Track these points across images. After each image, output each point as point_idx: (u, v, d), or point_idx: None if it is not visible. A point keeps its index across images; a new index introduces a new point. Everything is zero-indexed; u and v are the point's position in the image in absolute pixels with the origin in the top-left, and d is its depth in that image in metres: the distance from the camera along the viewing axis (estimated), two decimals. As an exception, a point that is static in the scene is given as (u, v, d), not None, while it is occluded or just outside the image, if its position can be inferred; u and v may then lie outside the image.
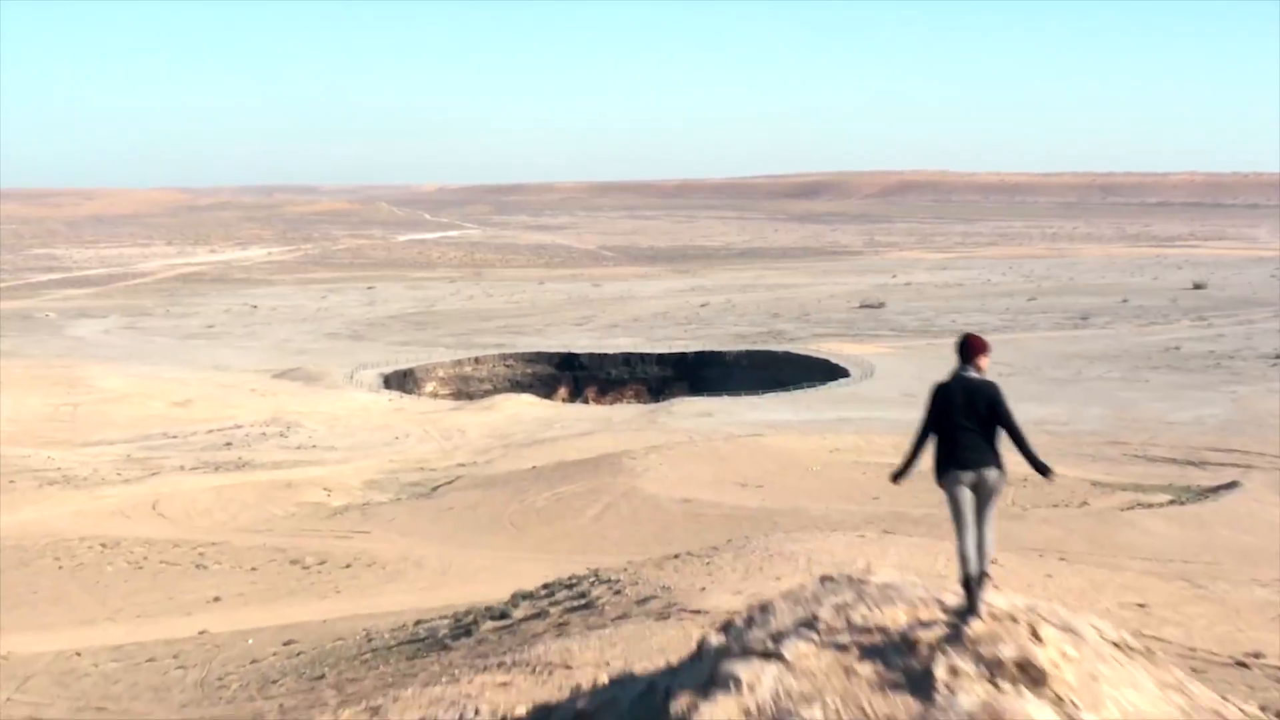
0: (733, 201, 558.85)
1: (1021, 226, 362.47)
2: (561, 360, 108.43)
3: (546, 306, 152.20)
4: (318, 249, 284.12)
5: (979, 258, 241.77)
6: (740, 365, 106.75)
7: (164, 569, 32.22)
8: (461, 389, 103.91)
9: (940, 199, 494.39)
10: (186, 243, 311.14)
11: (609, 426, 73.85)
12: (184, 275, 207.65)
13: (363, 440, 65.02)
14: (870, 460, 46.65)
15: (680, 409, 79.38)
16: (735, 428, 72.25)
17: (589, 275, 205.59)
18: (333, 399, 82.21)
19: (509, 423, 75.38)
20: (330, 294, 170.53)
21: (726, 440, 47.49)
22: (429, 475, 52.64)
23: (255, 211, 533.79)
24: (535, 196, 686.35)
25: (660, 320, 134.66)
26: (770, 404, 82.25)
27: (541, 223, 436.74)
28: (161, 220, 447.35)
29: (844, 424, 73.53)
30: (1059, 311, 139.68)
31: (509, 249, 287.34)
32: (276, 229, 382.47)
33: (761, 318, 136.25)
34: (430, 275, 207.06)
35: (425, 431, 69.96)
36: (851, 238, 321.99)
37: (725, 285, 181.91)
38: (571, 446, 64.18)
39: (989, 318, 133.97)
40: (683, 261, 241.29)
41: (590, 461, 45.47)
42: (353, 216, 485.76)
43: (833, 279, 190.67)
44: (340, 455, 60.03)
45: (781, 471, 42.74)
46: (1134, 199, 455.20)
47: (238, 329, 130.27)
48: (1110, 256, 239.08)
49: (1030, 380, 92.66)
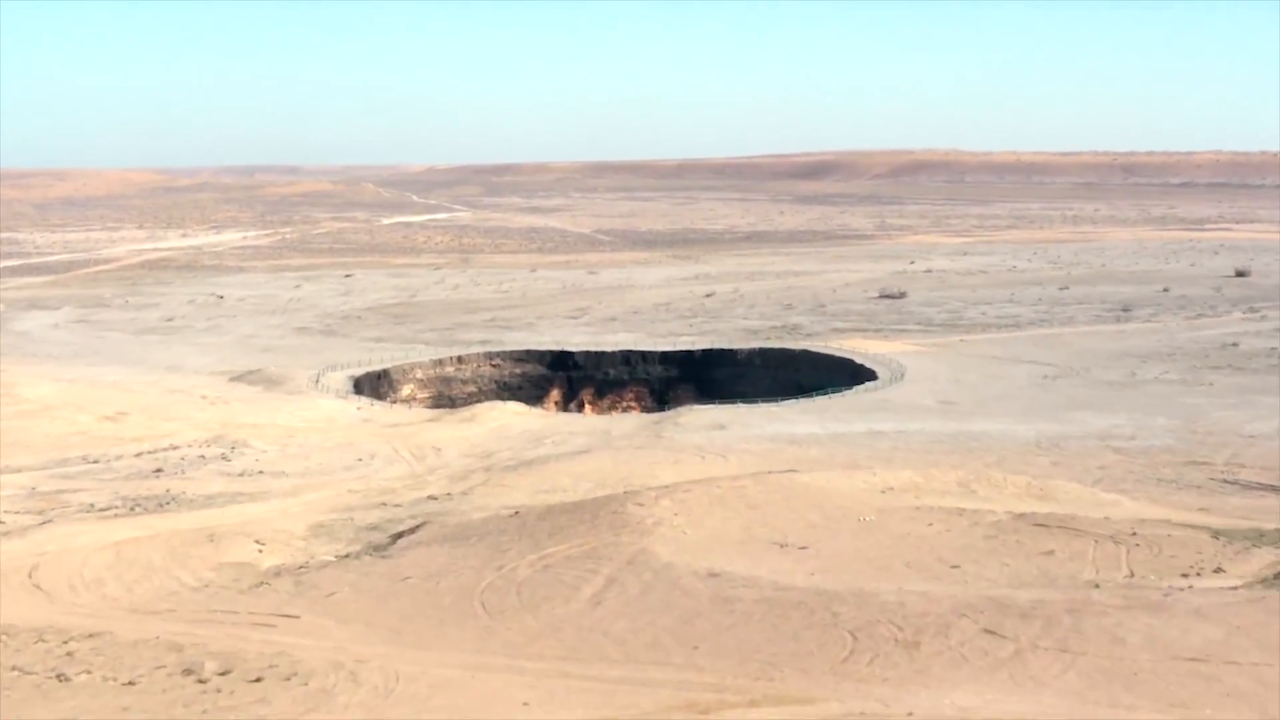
0: (735, 182, 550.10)
1: (1040, 208, 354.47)
2: (554, 359, 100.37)
3: (538, 297, 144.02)
4: (296, 233, 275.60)
5: (1000, 242, 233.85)
6: (753, 365, 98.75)
7: (11, 684, 24.39)
8: (442, 392, 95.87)
9: (953, 179, 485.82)
10: (159, 226, 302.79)
11: (607, 442, 65.90)
12: (150, 262, 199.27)
13: (320, 463, 57.04)
14: (933, 504, 38.73)
15: (689, 420, 71.41)
16: (753, 444, 64.36)
17: (584, 262, 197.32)
18: (293, 408, 74.19)
19: (493, 437, 67.42)
20: (305, 282, 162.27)
21: (755, 479, 39.46)
22: (390, 515, 44.66)
23: (235, 193, 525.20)
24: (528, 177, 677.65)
25: (662, 312, 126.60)
26: (791, 413, 74.26)
27: (534, 205, 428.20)
28: (135, 202, 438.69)
29: (878, 439, 65.68)
30: (1097, 302, 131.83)
31: (499, 233, 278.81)
32: (255, 211, 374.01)
33: (773, 309, 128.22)
34: (414, 262, 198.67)
35: (395, 450, 61.96)
36: (862, 220, 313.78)
37: (731, 272, 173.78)
38: (564, 471, 56.30)
39: (1022, 309, 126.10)
40: (684, 246, 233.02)
41: (587, 507, 37.55)
42: (336, 198, 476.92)
43: (846, 265, 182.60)
44: (290, 484, 52.10)
45: (827, 524, 34.85)
46: (1156, 179, 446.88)
47: (200, 322, 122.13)
48: (1139, 240, 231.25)
49: (1081, 383, 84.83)
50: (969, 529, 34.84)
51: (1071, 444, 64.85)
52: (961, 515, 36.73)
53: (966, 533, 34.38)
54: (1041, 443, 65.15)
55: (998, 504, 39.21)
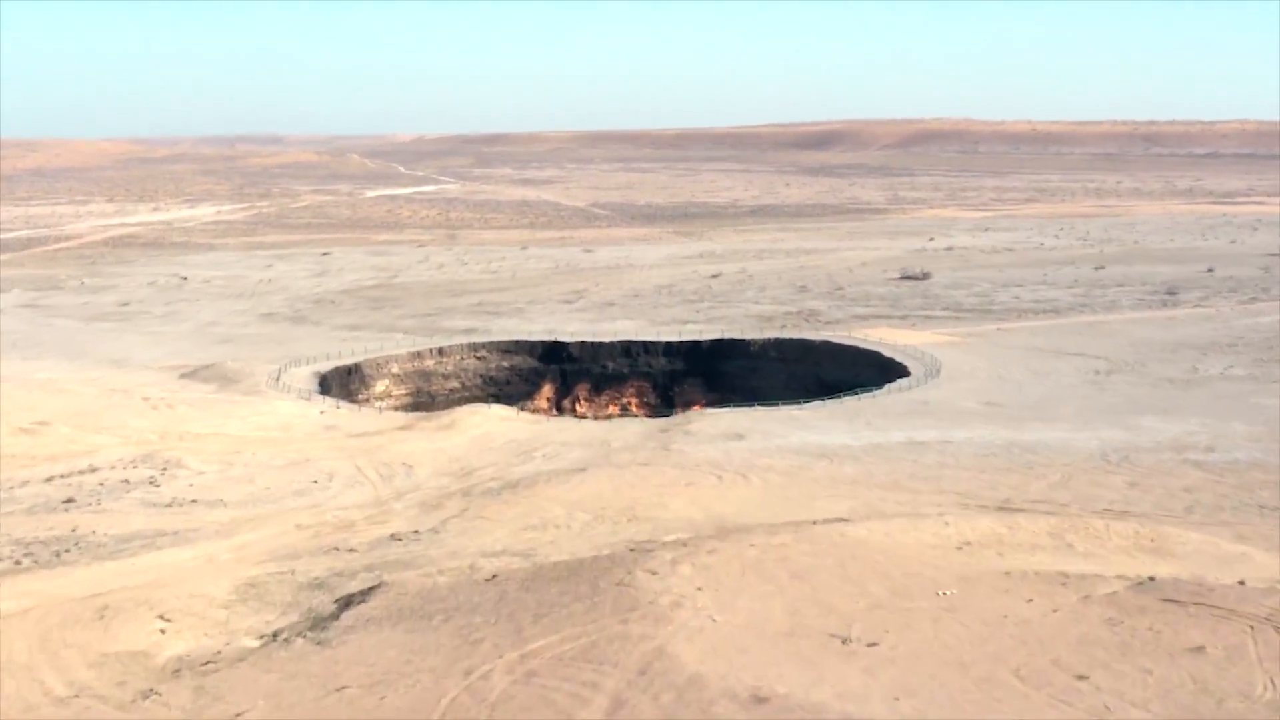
0: (737, 153, 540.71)
1: (1059, 180, 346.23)
2: (546, 350, 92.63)
3: (529, 278, 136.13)
4: (274, 207, 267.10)
5: (1022, 216, 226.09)
6: (768, 357, 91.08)
7: None
8: (421, 388, 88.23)
9: (965, 150, 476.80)
10: (129, 199, 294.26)
11: (607, 455, 58.34)
12: (115, 238, 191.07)
13: (266, 487, 49.51)
14: (1024, 566, 31.25)
15: (700, 428, 63.81)
16: (776, 459, 56.79)
17: (579, 238, 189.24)
18: (246, 413, 66.55)
19: (474, 450, 59.82)
20: (278, 261, 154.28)
21: (797, 534, 31.92)
22: (342, 565, 37.12)
23: (213, 164, 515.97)
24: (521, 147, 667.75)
25: (665, 296, 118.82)
26: (817, 418, 66.68)
27: (527, 176, 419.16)
28: (108, 174, 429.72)
29: (921, 452, 58.15)
30: (1137, 284, 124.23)
31: (489, 207, 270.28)
32: (233, 184, 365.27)
33: (786, 292, 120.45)
34: (397, 238, 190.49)
35: (358, 468, 54.38)
36: (872, 193, 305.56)
37: (738, 250, 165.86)
38: (556, 497, 48.75)
39: (1058, 293, 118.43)
40: (686, 221, 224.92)
41: (585, 573, 30.03)
42: (320, 169, 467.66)
43: (861, 243, 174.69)
44: (226, 518, 44.59)
45: (897, 602, 27.40)
46: (1180, 150, 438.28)
47: (158, 307, 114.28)
48: (1170, 215, 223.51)
49: (1139, 380, 77.33)
50: (1081, 608, 27.41)
51: (1144, 458, 57.34)
52: (1065, 584, 29.26)
53: (1080, 615, 26.97)
54: (1109, 455, 57.66)
55: (1105, 564, 31.74)
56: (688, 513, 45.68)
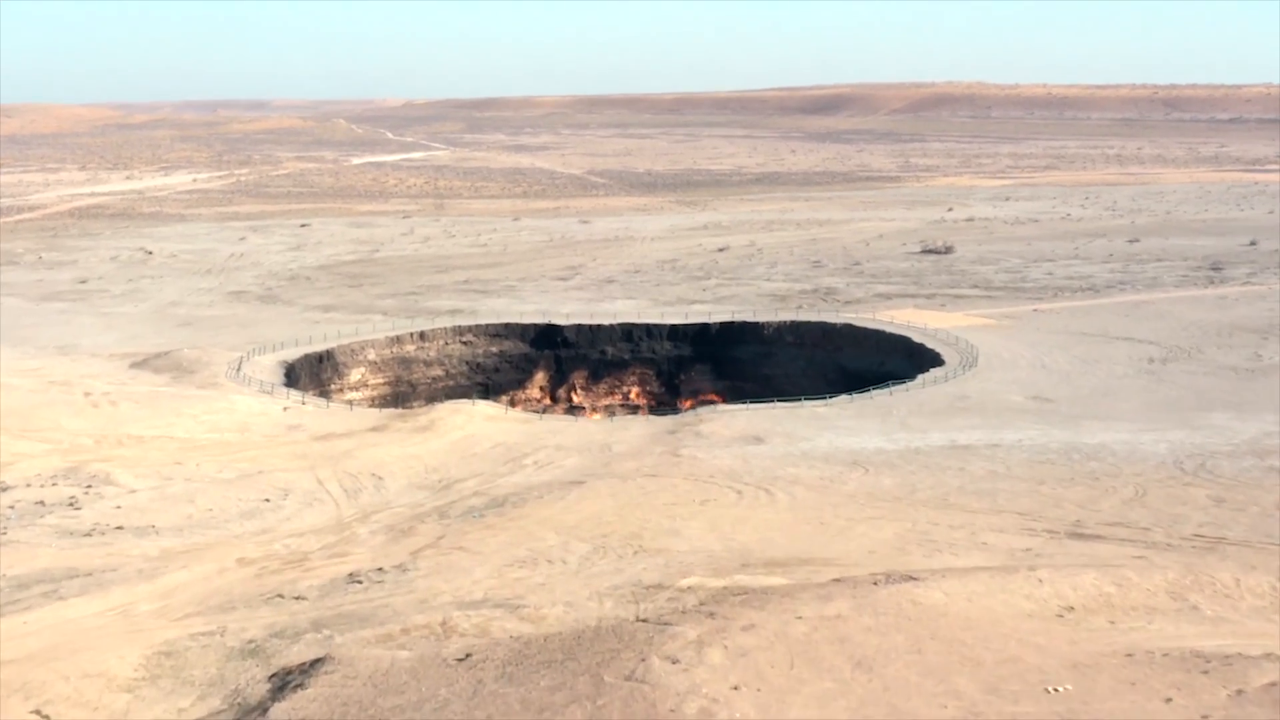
0: (739, 118, 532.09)
1: (1077, 147, 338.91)
2: (539, 334, 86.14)
3: (521, 252, 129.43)
4: (254, 175, 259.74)
5: (1042, 185, 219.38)
6: (783, 342, 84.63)
7: None
8: (401, 376, 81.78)
9: (978, 114, 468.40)
10: (103, 167, 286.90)
11: (607, 463, 52.02)
12: (81, 209, 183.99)
13: (209, 509, 43.14)
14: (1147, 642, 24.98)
15: (713, 428, 57.42)
16: (803, 468, 50.46)
17: (575, 208, 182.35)
18: (199, 410, 60.10)
19: (455, 456, 53.42)
20: (252, 234, 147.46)
21: (855, 601, 25.58)
22: (285, 621, 30.80)
23: (194, 130, 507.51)
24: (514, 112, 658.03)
25: (668, 272, 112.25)
26: (845, 417, 60.30)
27: (520, 142, 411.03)
28: (84, 140, 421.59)
29: (968, 459, 51.84)
30: (1178, 258, 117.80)
31: (480, 175, 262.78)
32: (213, 151, 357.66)
33: (800, 268, 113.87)
34: (381, 209, 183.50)
35: (319, 481, 47.99)
36: (883, 160, 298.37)
37: (744, 221, 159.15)
38: (548, 520, 42.40)
39: (1093, 268, 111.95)
40: (688, 190, 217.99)
41: (583, 655, 23.72)
42: (304, 135, 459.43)
43: (876, 213, 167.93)
44: (154, 551, 38.28)
45: (994, 702, 21.17)
46: (1202, 115, 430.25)
47: (118, 285, 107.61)
48: (1199, 184, 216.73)
49: (1199, 369, 70.97)
50: (1238, 712, 21.20)
51: (1223, 465, 51.05)
52: (1207, 672, 23.03)
53: None
54: (1183, 463, 51.38)
55: (1245, 635, 25.50)
56: (705, 542, 39.39)
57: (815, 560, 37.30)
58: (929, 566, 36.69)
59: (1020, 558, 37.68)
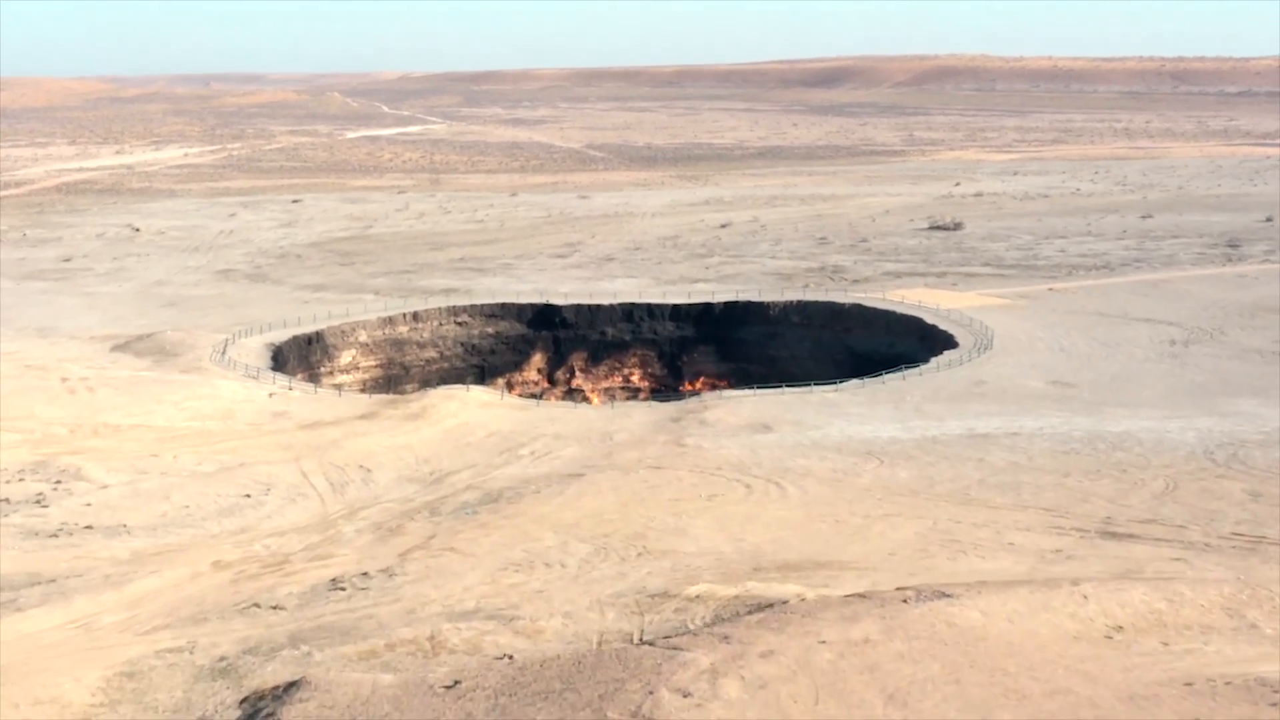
0: (740, 91, 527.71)
1: (1084, 120, 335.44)
2: (537, 315, 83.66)
3: (519, 228, 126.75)
4: (246, 149, 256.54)
5: (1051, 159, 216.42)
6: (789, 322, 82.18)
7: None
8: (393, 359, 79.37)
9: (982, 87, 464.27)
10: (93, 141, 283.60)
11: (608, 454, 49.69)
12: (69, 184, 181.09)
13: (185, 505, 40.87)
14: (1206, 668, 22.71)
15: (719, 416, 55.07)
16: (815, 459, 48.14)
17: (573, 183, 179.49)
18: (180, 397, 57.72)
19: (448, 446, 51.09)
20: (243, 209, 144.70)
21: (885, 623, 23.27)
22: (259, 637, 28.56)
23: (187, 104, 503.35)
24: (511, 85, 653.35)
25: (669, 249, 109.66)
26: (856, 403, 57.93)
27: (517, 116, 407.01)
28: (75, 114, 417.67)
29: (987, 449, 49.49)
30: (1193, 235, 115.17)
31: (476, 149, 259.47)
32: (205, 125, 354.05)
33: (805, 245, 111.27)
34: (375, 184, 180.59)
35: (304, 474, 45.67)
36: (886, 134, 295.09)
37: (747, 197, 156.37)
38: (546, 517, 40.13)
39: (1107, 245, 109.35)
40: (689, 164, 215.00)
41: (583, 685, 21.43)
42: (298, 109, 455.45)
43: (882, 188, 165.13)
44: (125, 553, 36.03)
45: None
46: (1210, 88, 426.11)
47: (103, 263, 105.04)
48: (1209, 158, 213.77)
49: (1222, 352, 68.56)
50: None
51: (1255, 455, 48.68)
52: (1276, 704, 20.71)
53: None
54: (1213, 453, 49.02)
55: (1313, 658, 23.19)
56: (714, 542, 37.14)
57: (831, 564, 35.08)
58: (954, 571, 34.48)
59: (1052, 561, 35.48)
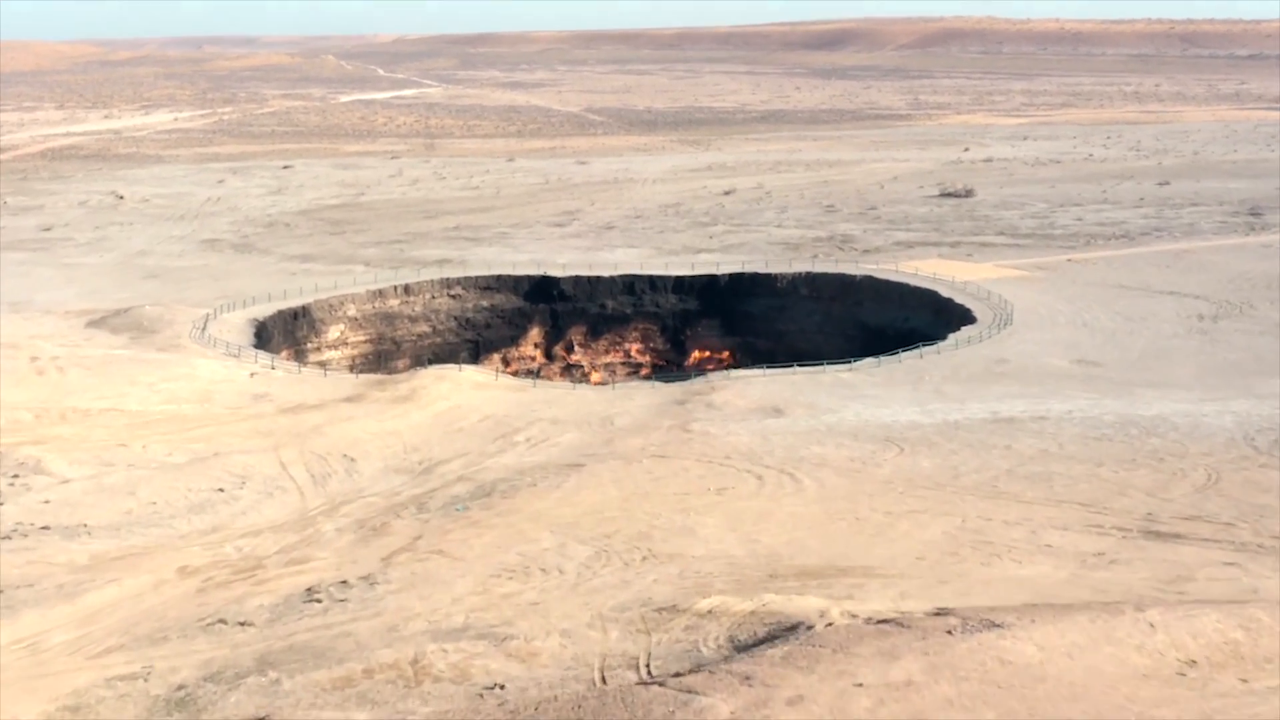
0: (741, 54, 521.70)
1: (1092, 84, 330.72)
2: (534, 287, 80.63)
3: (515, 195, 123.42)
4: (237, 114, 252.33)
5: (1060, 123, 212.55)
6: (798, 294, 79.14)
7: None
8: (384, 334, 76.40)
9: (989, 50, 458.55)
10: (81, 106, 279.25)
11: (609, 440, 46.80)
12: (54, 150, 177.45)
13: (152, 501, 38.04)
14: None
15: (726, 398, 52.19)
16: (830, 446, 45.24)
17: (572, 148, 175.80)
18: (155, 378, 54.77)
19: (438, 432, 48.20)
20: (232, 176, 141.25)
21: (930, 659, 20.50)
22: (223, 660, 25.82)
23: (178, 67, 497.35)
24: (509, 48, 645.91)
25: (671, 217, 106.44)
26: (872, 384, 55.03)
27: (515, 79, 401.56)
28: (64, 78, 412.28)
29: (1014, 436, 46.54)
30: (1213, 202, 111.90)
31: (473, 113, 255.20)
32: (196, 89, 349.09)
33: (812, 213, 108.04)
34: (369, 149, 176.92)
35: (283, 464, 42.80)
36: (891, 97, 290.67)
37: (751, 162, 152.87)
38: (543, 513, 37.30)
39: (1125, 213, 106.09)
40: (690, 128, 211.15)
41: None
42: (291, 72, 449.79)
43: (889, 154, 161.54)
44: (84, 558, 33.23)
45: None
46: (1220, 51, 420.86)
47: (84, 233, 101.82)
48: (1224, 123, 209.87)
49: (1253, 327, 65.55)
50: None
51: (1300, 440, 45.85)
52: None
53: None
54: (1254, 439, 46.09)
55: None
56: (725, 544, 34.32)
57: (854, 569, 32.27)
58: (988, 578, 31.70)
59: (1095, 566, 32.70)
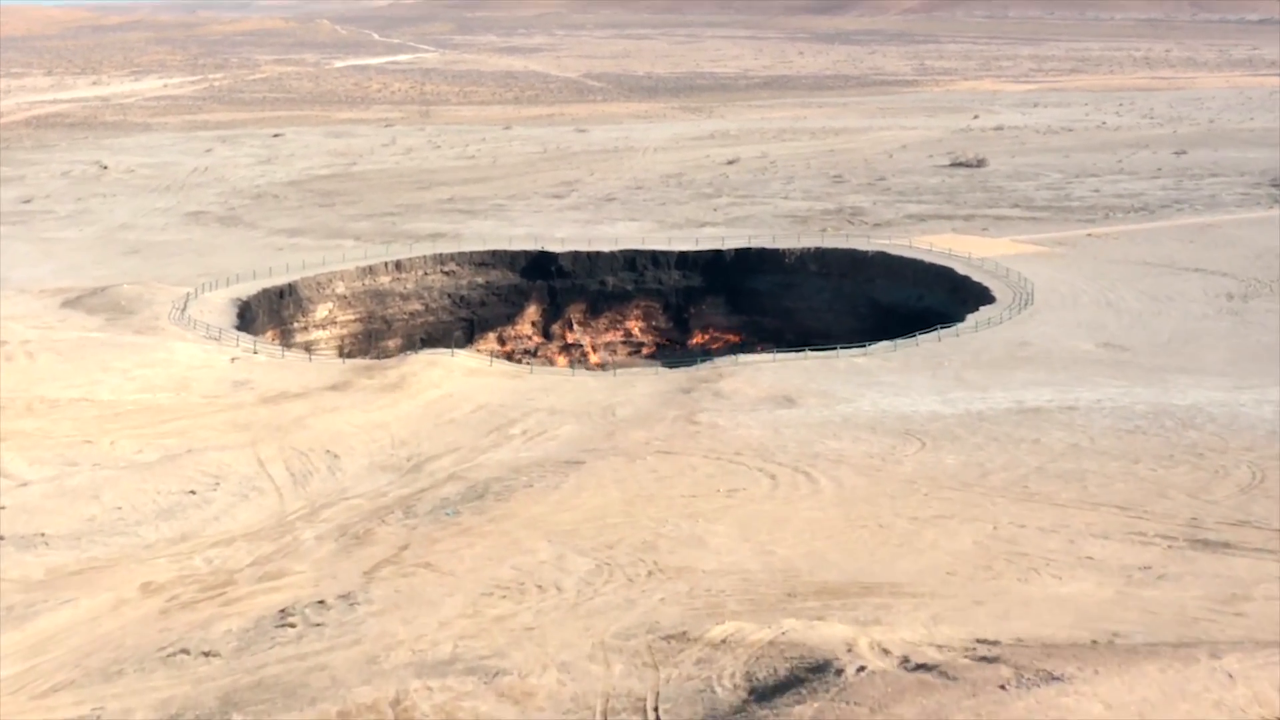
0: (742, 18, 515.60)
1: (1101, 49, 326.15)
2: (531, 263, 77.74)
3: (512, 165, 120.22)
4: (228, 79, 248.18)
5: (1071, 90, 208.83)
6: (807, 271, 76.27)
7: None
8: (374, 312, 73.56)
9: (994, 14, 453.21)
10: (70, 72, 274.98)
11: (610, 435, 44.05)
12: (39, 117, 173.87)
13: (118, 506, 35.39)
14: None
15: (735, 385, 49.45)
16: (846, 440, 42.51)
17: (570, 115, 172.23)
18: (130, 364, 52.00)
19: (428, 424, 45.48)
20: (220, 144, 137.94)
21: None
22: (182, 701, 23.28)
23: (170, 32, 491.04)
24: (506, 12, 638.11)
25: (673, 188, 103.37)
26: (889, 370, 52.29)
27: (513, 44, 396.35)
28: (54, 44, 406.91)
29: (1042, 428, 43.76)
30: (1233, 173, 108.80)
31: (469, 78, 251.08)
32: (188, 54, 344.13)
33: (819, 184, 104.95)
34: (362, 116, 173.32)
35: (260, 462, 40.10)
36: (896, 63, 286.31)
37: (754, 130, 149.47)
38: (540, 518, 34.65)
39: (1143, 184, 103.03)
40: (691, 94, 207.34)
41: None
42: (285, 37, 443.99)
43: (897, 121, 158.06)
44: (37, 573, 30.63)
45: None
46: (1231, 15, 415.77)
47: (65, 205, 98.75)
48: (1237, 89, 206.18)
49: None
50: None
51: (1345, 434, 43.14)
52: None
53: None
54: (1299, 430, 43.45)
55: None
56: (738, 556, 31.65)
57: (880, 586, 29.62)
58: (1027, 596, 29.04)
59: (1142, 583, 30.01)
